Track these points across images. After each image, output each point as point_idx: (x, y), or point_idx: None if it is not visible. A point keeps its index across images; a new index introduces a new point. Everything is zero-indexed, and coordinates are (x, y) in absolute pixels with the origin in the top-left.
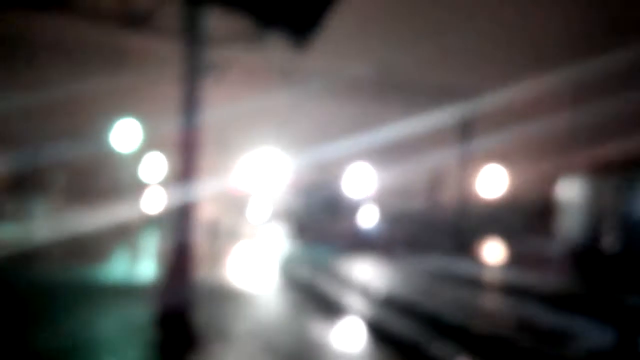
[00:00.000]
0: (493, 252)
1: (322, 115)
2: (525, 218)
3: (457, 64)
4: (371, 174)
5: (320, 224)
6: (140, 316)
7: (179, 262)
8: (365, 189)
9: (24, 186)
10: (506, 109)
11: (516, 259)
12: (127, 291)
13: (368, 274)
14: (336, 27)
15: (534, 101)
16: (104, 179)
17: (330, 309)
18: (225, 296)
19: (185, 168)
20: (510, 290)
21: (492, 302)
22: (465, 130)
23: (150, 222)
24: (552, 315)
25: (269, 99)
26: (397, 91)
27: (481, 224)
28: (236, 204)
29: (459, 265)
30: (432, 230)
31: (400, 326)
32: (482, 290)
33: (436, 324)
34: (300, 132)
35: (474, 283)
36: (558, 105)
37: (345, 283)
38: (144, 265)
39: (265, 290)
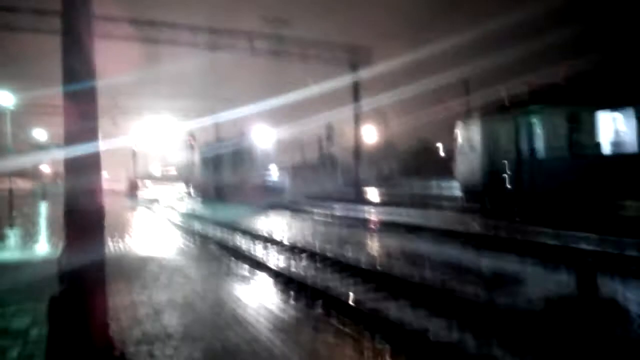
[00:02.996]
0: (385, 195)
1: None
2: (405, 164)
3: (351, 26)
4: (270, 130)
5: (219, 181)
6: None
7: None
8: (264, 145)
9: None
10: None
11: (411, 201)
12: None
13: (272, 226)
14: None
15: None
16: None
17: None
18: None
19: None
20: (421, 232)
21: (413, 246)
22: (356, 89)
23: (39, 187)
24: (480, 258)
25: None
26: (292, 46)
27: (368, 172)
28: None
29: (359, 210)
30: (327, 178)
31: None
32: (395, 234)
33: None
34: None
35: (382, 227)
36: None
37: (251, 237)
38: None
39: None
